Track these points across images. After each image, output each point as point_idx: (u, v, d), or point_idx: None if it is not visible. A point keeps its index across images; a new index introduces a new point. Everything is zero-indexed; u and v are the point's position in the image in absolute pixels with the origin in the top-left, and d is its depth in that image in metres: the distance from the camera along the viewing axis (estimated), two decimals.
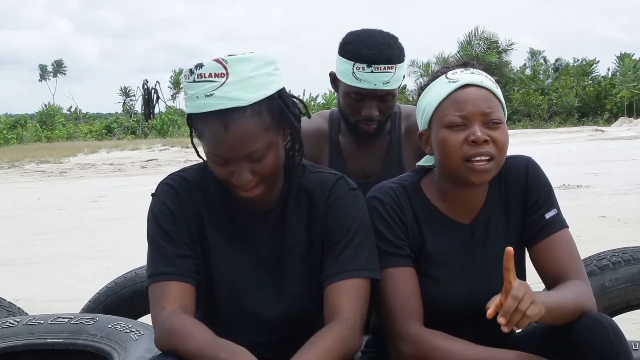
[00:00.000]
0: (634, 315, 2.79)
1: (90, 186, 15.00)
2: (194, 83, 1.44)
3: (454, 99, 1.56)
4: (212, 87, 1.42)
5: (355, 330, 1.51)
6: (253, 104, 1.44)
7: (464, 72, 1.60)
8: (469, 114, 1.54)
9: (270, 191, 1.58)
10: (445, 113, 1.57)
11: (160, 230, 1.57)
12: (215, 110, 1.43)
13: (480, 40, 40.99)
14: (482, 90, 1.57)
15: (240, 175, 1.48)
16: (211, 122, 1.44)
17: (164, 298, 1.51)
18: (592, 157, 16.06)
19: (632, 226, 6.95)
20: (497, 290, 1.65)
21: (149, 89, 43.85)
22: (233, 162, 1.47)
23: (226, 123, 1.42)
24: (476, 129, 1.53)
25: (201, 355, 1.39)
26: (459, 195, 1.65)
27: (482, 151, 1.53)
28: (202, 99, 1.43)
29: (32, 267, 6.44)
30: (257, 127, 1.44)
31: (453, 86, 1.57)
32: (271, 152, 1.48)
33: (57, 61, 74.42)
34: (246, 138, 1.44)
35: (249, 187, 1.50)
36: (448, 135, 1.56)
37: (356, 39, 2.17)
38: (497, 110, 1.56)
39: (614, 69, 47.87)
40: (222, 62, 1.43)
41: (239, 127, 1.43)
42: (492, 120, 1.55)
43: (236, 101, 1.42)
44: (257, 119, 1.44)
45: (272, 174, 1.52)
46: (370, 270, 1.56)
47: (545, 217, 1.64)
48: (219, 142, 1.45)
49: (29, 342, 2.00)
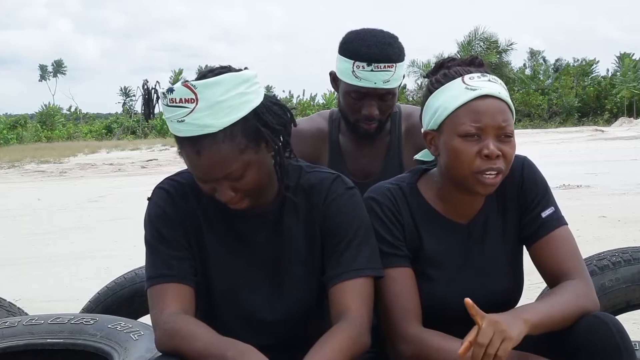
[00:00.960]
0: (634, 315, 2.79)
1: (90, 186, 15.00)
2: (167, 107, 1.45)
3: (471, 108, 1.54)
4: (183, 114, 1.42)
5: (364, 329, 1.51)
6: (225, 128, 1.43)
7: (481, 78, 1.57)
8: (486, 126, 1.53)
9: (262, 198, 1.58)
10: (461, 121, 1.54)
11: (157, 234, 1.57)
12: (188, 137, 1.44)
13: (480, 41, 40.99)
14: (500, 103, 1.55)
15: (222, 193, 1.50)
16: (185, 147, 1.47)
17: (164, 300, 1.51)
18: (592, 157, 16.06)
19: (632, 226, 6.95)
20: (495, 290, 1.66)
21: (149, 89, 43.71)
22: (213, 182, 1.48)
23: (198, 149, 1.44)
24: (489, 143, 1.52)
25: (207, 355, 1.39)
26: (458, 198, 1.65)
27: (493, 166, 1.53)
28: (175, 124, 1.44)
29: (32, 267, 6.43)
30: (230, 151, 1.44)
31: (471, 95, 1.55)
32: (250, 171, 1.48)
33: (57, 61, 74.42)
34: (219, 163, 1.44)
35: (234, 202, 1.51)
36: (461, 145, 1.54)
37: (356, 38, 2.17)
38: (511, 123, 1.56)
39: (614, 69, 47.89)
40: (191, 88, 1.42)
41: (210, 153, 1.43)
42: (506, 134, 1.54)
43: (206, 128, 1.42)
44: (230, 143, 1.44)
45: (256, 188, 1.52)
46: (373, 268, 1.56)
47: (542, 216, 1.64)
48: (194, 166, 1.48)
49: (29, 342, 2.00)
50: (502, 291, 1.67)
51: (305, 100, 45.78)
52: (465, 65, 1.63)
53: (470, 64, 1.64)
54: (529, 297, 1.82)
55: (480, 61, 1.66)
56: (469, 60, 1.65)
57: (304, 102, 44.98)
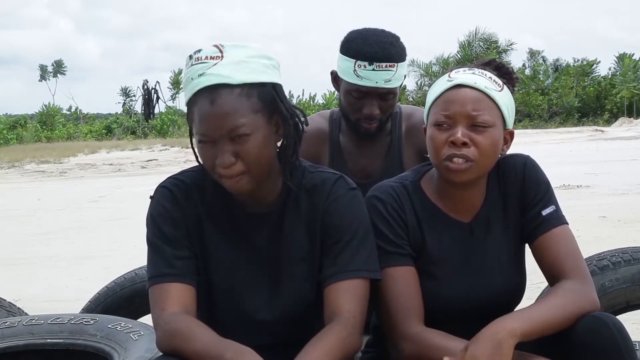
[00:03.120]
0: (634, 315, 2.79)
1: (90, 186, 15.00)
2: (191, 67, 1.47)
3: (444, 98, 1.59)
4: (205, 67, 1.46)
5: (355, 330, 1.51)
6: (242, 84, 1.45)
7: (466, 72, 1.61)
8: (454, 114, 1.56)
9: (264, 189, 1.57)
10: (435, 111, 1.60)
11: (159, 233, 1.57)
12: (205, 87, 1.45)
13: (480, 41, 41.01)
14: (474, 92, 1.57)
15: (222, 157, 1.46)
16: (200, 100, 1.46)
17: (165, 300, 1.51)
18: (592, 157, 16.06)
19: (632, 226, 6.95)
20: (497, 288, 1.66)
21: (149, 89, 43.87)
22: (218, 144, 1.46)
23: (213, 98, 1.44)
24: (458, 130, 1.54)
25: (206, 355, 1.39)
26: (457, 194, 1.65)
27: (458, 153, 1.54)
28: (195, 79, 1.46)
29: (32, 267, 6.43)
30: (243, 105, 1.45)
31: (447, 85, 1.59)
32: (256, 137, 1.47)
33: (57, 61, 74.45)
34: (231, 113, 1.44)
35: (232, 173, 1.47)
36: (434, 134, 1.58)
37: (358, 37, 2.17)
38: (487, 113, 1.56)
39: (614, 69, 47.89)
40: (219, 47, 1.48)
41: (224, 102, 1.44)
42: (478, 123, 1.55)
43: (225, 78, 1.44)
44: (245, 99, 1.45)
45: (257, 163, 1.49)
46: (369, 270, 1.56)
47: (542, 214, 1.64)
48: (204, 118, 1.46)
49: (29, 342, 2.00)
50: (504, 289, 1.67)
51: (304, 100, 45.75)
52: (481, 66, 1.65)
53: (487, 65, 1.66)
54: (530, 297, 1.82)
55: (498, 64, 1.67)
56: (487, 62, 1.68)
57: (304, 102, 44.96)
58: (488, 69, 1.64)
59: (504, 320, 1.44)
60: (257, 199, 1.59)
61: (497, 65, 1.67)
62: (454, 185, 1.62)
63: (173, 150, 24.75)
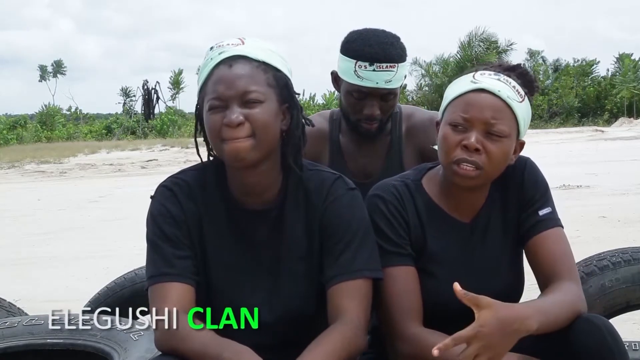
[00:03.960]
0: (634, 315, 2.79)
1: (90, 186, 15.00)
2: (211, 51, 1.54)
3: (465, 99, 1.57)
4: (227, 48, 1.52)
5: (360, 330, 1.51)
6: (261, 60, 1.52)
7: (491, 76, 1.59)
8: (472, 118, 1.55)
9: (264, 182, 1.58)
10: (453, 110, 1.58)
11: (160, 232, 1.57)
12: (225, 58, 1.51)
13: (480, 41, 40.97)
14: (495, 100, 1.56)
15: (231, 114, 1.48)
16: (218, 69, 1.51)
17: (164, 299, 1.51)
18: (592, 158, 16.05)
19: (632, 226, 6.95)
20: (496, 288, 1.66)
21: (149, 89, 43.86)
22: (229, 107, 1.48)
23: (232, 64, 1.50)
24: (472, 135, 1.54)
25: (204, 355, 1.40)
26: (460, 195, 1.65)
27: (469, 158, 1.54)
28: (215, 58, 1.52)
29: (32, 267, 6.43)
30: (259, 76, 1.51)
31: (471, 87, 1.58)
32: (267, 105, 1.50)
33: (56, 61, 74.33)
34: (247, 76, 1.50)
35: (238, 134, 1.47)
36: (448, 133, 1.57)
37: (359, 38, 2.17)
38: (504, 123, 1.55)
39: (614, 69, 47.87)
40: (241, 38, 1.56)
41: (242, 67, 1.51)
42: (494, 132, 1.55)
43: (246, 53, 1.52)
44: (262, 71, 1.52)
45: (264, 130, 1.49)
46: (370, 270, 1.56)
47: (539, 214, 1.65)
48: (220, 80, 1.49)
49: (29, 343, 2.01)
50: (503, 289, 1.67)
51: (305, 100, 45.77)
52: (506, 72, 1.63)
53: (512, 70, 1.65)
54: (528, 298, 1.82)
55: (523, 71, 1.65)
56: (512, 67, 1.66)
57: (304, 102, 44.99)
58: (513, 75, 1.62)
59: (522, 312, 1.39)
60: (256, 194, 1.59)
61: (522, 72, 1.65)
62: (459, 187, 1.62)
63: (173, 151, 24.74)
